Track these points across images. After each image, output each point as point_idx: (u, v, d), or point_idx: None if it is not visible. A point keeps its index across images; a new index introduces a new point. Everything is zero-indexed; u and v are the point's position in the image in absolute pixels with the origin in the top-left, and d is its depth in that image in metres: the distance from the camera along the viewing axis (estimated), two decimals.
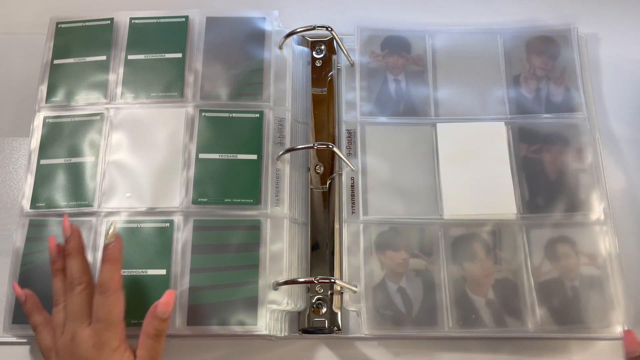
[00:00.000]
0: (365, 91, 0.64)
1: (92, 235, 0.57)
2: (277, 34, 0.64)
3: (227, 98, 0.61)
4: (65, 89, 0.62)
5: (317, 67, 0.66)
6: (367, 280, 0.57)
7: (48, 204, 0.58)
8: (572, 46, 0.65)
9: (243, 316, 0.54)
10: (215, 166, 0.59)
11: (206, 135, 0.60)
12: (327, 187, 0.62)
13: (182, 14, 0.65)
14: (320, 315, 0.58)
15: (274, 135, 0.60)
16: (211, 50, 0.63)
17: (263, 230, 0.56)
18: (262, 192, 0.58)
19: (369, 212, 0.60)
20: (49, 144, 0.60)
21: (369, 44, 0.66)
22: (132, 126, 0.61)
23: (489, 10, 0.71)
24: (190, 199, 0.58)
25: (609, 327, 0.55)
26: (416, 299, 0.57)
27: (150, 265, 0.55)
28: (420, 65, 0.65)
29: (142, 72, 0.63)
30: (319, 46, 0.67)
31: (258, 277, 0.55)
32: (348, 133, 0.63)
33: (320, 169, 0.63)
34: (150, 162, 0.59)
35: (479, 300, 0.57)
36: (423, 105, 0.63)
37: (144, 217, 0.57)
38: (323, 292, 0.58)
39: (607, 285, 0.57)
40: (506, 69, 0.65)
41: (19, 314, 0.55)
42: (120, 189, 0.58)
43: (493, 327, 0.56)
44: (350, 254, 0.58)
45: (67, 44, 0.64)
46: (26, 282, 0.55)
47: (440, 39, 0.66)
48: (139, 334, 0.50)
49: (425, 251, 0.58)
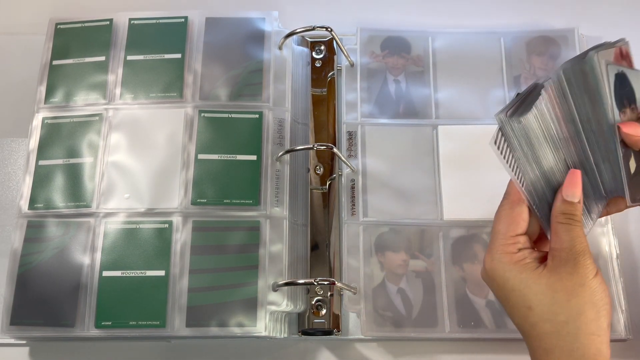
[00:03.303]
0: (365, 92, 0.64)
1: (91, 237, 0.57)
2: (277, 35, 0.64)
3: (226, 99, 0.61)
4: (64, 89, 0.62)
5: (317, 67, 0.66)
6: (366, 282, 0.57)
7: (46, 205, 0.58)
8: (573, 47, 0.65)
9: (242, 318, 0.53)
10: (215, 167, 0.58)
11: (205, 135, 0.60)
12: (327, 188, 0.62)
13: (181, 14, 0.65)
14: (319, 316, 0.57)
15: (273, 136, 0.60)
16: (211, 51, 0.63)
17: (262, 231, 0.56)
18: (261, 193, 0.57)
19: (368, 214, 0.59)
20: (47, 145, 0.60)
21: (369, 45, 0.66)
22: (131, 127, 0.61)
23: (489, 11, 0.71)
24: (190, 199, 0.57)
25: None
26: (416, 300, 0.57)
27: (149, 266, 0.55)
28: (420, 66, 0.65)
29: (142, 73, 0.62)
30: (319, 47, 0.67)
31: (257, 278, 0.55)
32: (349, 134, 0.62)
33: (320, 170, 0.63)
34: (149, 162, 0.59)
35: (479, 301, 0.56)
36: (423, 107, 0.63)
37: (143, 217, 0.57)
38: (323, 294, 0.58)
39: (607, 286, 0.56)
40: (507, 69, 0.65)
41: (17, 315, 0.54)
42: (119, 190, 0.58)
43: (493, 329, 0.56)
44: (350, 255, 0.58)
45: (66, 44, 0.64)
46: (24, 283, 0.55)
47: (441, 40, 0.66)
48: (139, 334, 0.50)
49: (425, 252, 0.58)
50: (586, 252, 0.43)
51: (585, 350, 0.40)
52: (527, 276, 0.43)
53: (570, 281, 0.42)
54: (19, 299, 0.55)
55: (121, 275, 0.55)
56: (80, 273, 0.55)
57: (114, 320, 0.54)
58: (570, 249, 0.43)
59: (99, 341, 0.57)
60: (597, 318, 0.41)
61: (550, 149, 0.44)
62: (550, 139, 0.43)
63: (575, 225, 0.43)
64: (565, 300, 0.42)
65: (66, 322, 0.54)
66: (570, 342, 0.41)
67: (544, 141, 0.43)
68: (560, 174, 0.45)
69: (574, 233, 0.43)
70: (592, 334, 0.41)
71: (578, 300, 0.41)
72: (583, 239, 0.43)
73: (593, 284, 0.42)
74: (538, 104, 0.41)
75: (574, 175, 0.44)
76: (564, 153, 0.44)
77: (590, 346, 0.40)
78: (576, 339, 0.41)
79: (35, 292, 0.55)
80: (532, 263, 0.44)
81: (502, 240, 0.45)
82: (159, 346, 0.58)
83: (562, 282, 0.42)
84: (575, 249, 0.43)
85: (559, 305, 0.42)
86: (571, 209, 0.43)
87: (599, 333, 0.41)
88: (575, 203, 0.43)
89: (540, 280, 0.43)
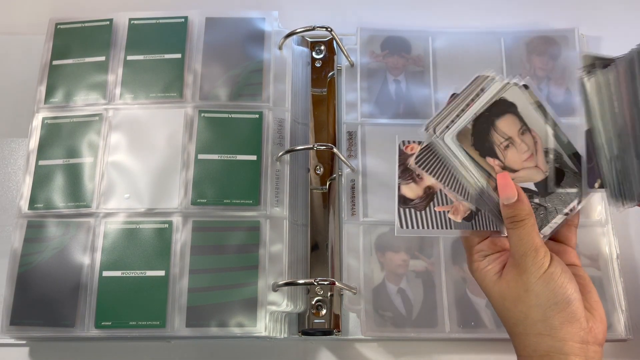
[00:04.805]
0: (365, 92, 0.64)
1: (91, 237, 0.57)
2: (277, 35, 0.64)
3: (226, 99, 0.61)
4: (64, 89, 0.62)
5: (317, 67, 0.66)
6: (366, 282, 0.57)
7: (46, 205, 0.58)
8: (573, 47, 0.65)
9: (242, 318, 0.53)
10: (215, 167, 0.58)
11: (205, 135, 0.60)
12: (327, 188, 0.62)
13: (181, 14, 0.65)
14: (320, 316, 0.57)
15: (273, 136, 0.60)
16: (210, 51, 0.63)
17: (262, 231, 0.56)
18: (261, 193, 0.57)
19: (368, 214, 0.59)
20: (47, 145, 0.60)
21: (369, 45, 0.66)
22: (131, 127, 0.61)
23: (489, 11, 0.71)
24: (190, 199, 0.57)
25: (610, 328, 0.55)
26: (416, 300, 0.57)
27: (149, 266, 0.55)
28: (420, 66, 0.65)
29: (142, 73, 0.62)
30: (319, 47, 0.67)
31: (257, 278, 0.55)
32: (349, 134, 0.62)
33: (320, 170, 0.63)
34: (149, 162, 0.59)
35: (479, 301, 0.56)
36: (423, 107, 0.63)
37: (143, 218, 0.57)
38: (323, 294, 0.58)
39: (607, 286, 0.57)
40: (507, 69, 0.64)
41: (17, 315, 0.54)
42: (119, 190, 0.58)
43: (493, 329, 0.56)
44: (350, 255, 0.58)
45: (66, 44, 0.64)
46: (24, 284, 0.55)
47: (441, 40, 0.66)
48: (139, 334, 0.50)
49: (425, 252, 0.58)
50: (529, 252, 0.43)
51: (536, 347, 0.43)
52: (485, 285, 0.47)
53: (515, 288, 0.44)
54: (19, 299, 0.55)
55: (121, 276, 0.55)
56: (80, 273, 0.55)
57: (114, 320, 0.54)
58: (515, 252, 0.44)
59: (99, 341, 0.57)
60: (544, 319, 0.43)
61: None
62: None
63: (518, 227, 0.44)
64: (512, 306, 0.45)
65: (66, 322, 0.54)
66: (522, 341, 0.44)
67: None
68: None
69: (518, 234, 0.44)
70: (539, 334, 0.43)
71: (523, 306, 0.44)
72: (528, 238, 0.44)
73: (537, 287, 0.43)
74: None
75: (503, 177, 0.45)
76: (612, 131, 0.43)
77: (540, 344, 0.43)
78: (526, 339, 0.44)
79: (35, 292, 0.55)
80: (492, 270, 0.47)
81: (470, 252, 0.48)
82: (159, 346, 0.58)
83: (509, 289, 0.45)
84: (519, 251, 0.44)
85: (507, 310, 0.45)
86: (510, 211, 0.45)
87: (548, 332, 0.43)
88: (513, 203, 0.44)
89: (494, 288, 0.46)
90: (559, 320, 0.43)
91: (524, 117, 0.47)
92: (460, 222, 0.48)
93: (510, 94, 0.47)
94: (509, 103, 0.47)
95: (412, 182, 0.49)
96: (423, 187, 0.49)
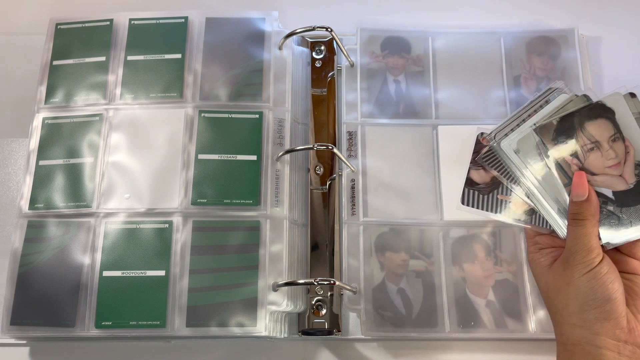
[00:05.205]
0: (365, 92, 0.64)
1: (91, 237, 0.57)
2: (277, 35, 0.64)
3: (226, 99, 0.61)
4: (64, 89, 0.62)
5: (317, 67, 0.66)
6: (366, 282, 0.57)
7: (47, 205, 0.58)
8: (573, 47, 0.65)
9: (242, 318, 0.53)
10: (215, 167, 0.58)
11: (205, 135, 0.60)
12: (327, 188, 0.62)
13: (181, 14, 0.65)
14: (320, 316, 0.57)
15: (273, 136, 0.60)
16: (211, 51, 0.63)
17: (263, 231, 0.56)
18: (261, 193, 0.57)
19: (368, 214, 0.59)
20: (48, 145, 0.60)
21: (369, 45, 0.66)
22: (131, 127, 0.61)
23: (489, 11, 0.71)
24: (190, 199, 0.57)
25: None
26: (416, 300, 0.57)
27: (149, 266, 0.55)
28: (420, 66, 0.65)
29: (142, 73, 0.62)
30: (319, 47, 0.67)
31: (257, 278, 0.55)
32: (349, 134, 0.62)
33: (320, 170, 0.63)
34: (149, 162, 0.59)
35: (479, 301, 0.56)
36: (423, 107, 0.63)
37: (143, 217, 0.57)
38: (323, 294, 0.58)
39: None
40: (506, 69, 0.65)
41: (18, 315, 0.54)
42: (119, 190, 0.58)
43: (493, 329, 0.56)
44: (350, 255, 0.58)
45: (66, 44, 0.64)
46: (24, 283, 0.55)
47: (441, 40, 0.66)
48: (139, 334, 0.50)
49: (425, 252, 0.58)
50: (581, 251, 0.46)
51: (570, 335, 0.48)
52: (536, 274, 0.53)
53: (559, 280, 0.49)
54: (19, 299, 0.55)
55: (121, 275, 0.55)
56: (80, 273, 0.55)
57: (114, 320, 0.54)
58: (568, 248, 0.47)
59: (99, 341, 0.57)
60: (580, 312, 0.47)
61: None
62: None
63: (578, 225, 0.47)
64: (554, 296, 0.50)
65: (66, 322, 0.54)
66: (560, 329, 0.49)
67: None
68: None
69: (576, 232, 0.47)
70: (574, 324, 0.48)
71: (562, 297, 0.48)
72: (584, 237, 0.46)
73: (579, 282, 0.47)
74: None
75: (579, 176, 0.47)
76: None
77: (574, 333, 0.48)
78: (563, 327, 0.49)
79: (35, 292, 0.55)
80: (544, 262, 0.52)
81: (529, 242, 0.54)
82: (159, 346, 0.58)
83: (554, 280, 0.49)
84: (572, 248, 0.47)
85: (549, 300, 0.50)
86: (576, 208, 0.47)
87: (581, 324, 0.47)
88: (581, 202, 0.46)
89: (542, 278, 0.51)
90: (593, 315, 0.46)
91: (620, 125, 0.47)
92: (520, 214, 0.53)
93: (610, 100, 0.48)
94: (606, 108, 0.48)
95: (482, 170, 0.55)
96: (491, 176, 0.55)
